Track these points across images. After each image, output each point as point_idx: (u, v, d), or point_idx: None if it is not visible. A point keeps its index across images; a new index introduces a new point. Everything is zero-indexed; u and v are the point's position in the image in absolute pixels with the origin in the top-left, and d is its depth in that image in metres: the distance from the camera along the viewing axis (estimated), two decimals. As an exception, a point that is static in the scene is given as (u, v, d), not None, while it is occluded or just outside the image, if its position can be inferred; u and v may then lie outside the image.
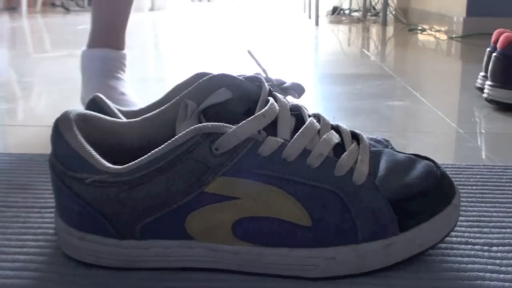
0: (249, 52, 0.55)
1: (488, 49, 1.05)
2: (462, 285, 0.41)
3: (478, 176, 0.64)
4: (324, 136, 0.43)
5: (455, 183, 0.60)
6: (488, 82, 1.01)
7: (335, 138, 0.44)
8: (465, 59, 1.79)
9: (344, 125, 0.48)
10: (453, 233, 0.49)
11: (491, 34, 1.07)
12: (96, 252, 0.43)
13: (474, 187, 0.60)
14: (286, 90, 0.55)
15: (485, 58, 1.06)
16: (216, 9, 4.90)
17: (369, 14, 3.49)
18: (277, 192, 0.41)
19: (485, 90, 1.02)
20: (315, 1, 3.09)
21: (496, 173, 0.65)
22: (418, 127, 0.92)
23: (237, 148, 0.40)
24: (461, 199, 0.57)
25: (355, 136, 0.47)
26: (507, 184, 0.62)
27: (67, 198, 0.43)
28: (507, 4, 2.31)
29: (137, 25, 3.02)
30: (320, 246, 0.41)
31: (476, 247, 0.47)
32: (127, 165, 0.41)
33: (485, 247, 0.47)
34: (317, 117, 0.47)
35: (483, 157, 0.75)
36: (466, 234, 0.49)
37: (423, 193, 0.44)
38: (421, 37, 2.40)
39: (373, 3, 3.50)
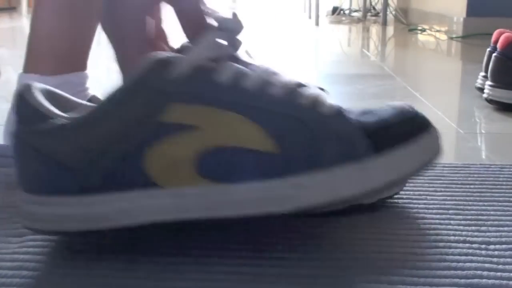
0: (246, 52, 0.55)
1: (488, 49, 1.05)
2: (460, 284, 0.41)
3: (475, 175, 0.64)
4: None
5: (453, 182, 0.61)
6: (488, 82, 1.01)
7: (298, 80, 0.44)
8: (465, 59, 1.79)
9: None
10: (450, 232, 0.49)
11: (491, 34, 1.07)
12: (58, 217, 0.41)
13: (472, 186, 0.61)
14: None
15: (485, 58, 1.06)
16: (216, 9, 4.90)
17: (369, 14, 3.49)
18: (239, 118, 0.39)
19: (485, 90, 1.02)
20: (315, 1, 3.09)
21: (493, 172, 0.65)
22: (418, 127, 0.92)
23: (194, 74, 0.39)
24: (459, 198, 0.57)
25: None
26: (504, 183, 0.62)
27: (29, 160, 0.42)
28: (507, 4, 2.31)
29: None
30: (289, 175, 0.39)
31: (474, 245, 0.47)
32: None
33: (483, 246, 0.47)
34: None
35: (483, 157, 0.75)
36: (464, 233, 0.49)
37: (399, 123, 0.43)
38: (421, 37, 2.40)
39: (373, 3, 3.50)
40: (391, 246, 0.47)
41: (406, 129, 0.43)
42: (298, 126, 0.40)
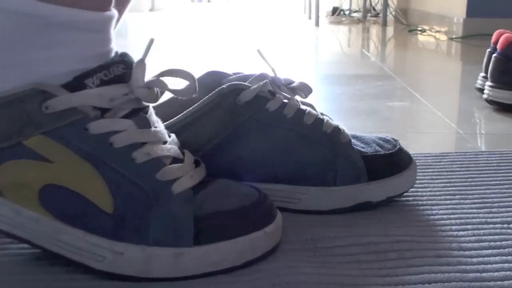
0: (259, 51, 0.56)
1: (488, 49, 1.05)
2: (509, 260, 0.44)
3: (458, 163, 0.68)
4: (166, 145, 0.44)
5: (443, 169, 0.65)
6: (488, 83, 1.01)
7: (173, 150, 0.44)
8: (465, 59, 1.79)
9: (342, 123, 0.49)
10: (470, 215, 0.52)
11: (491, 35, 1.07)
12: None
13: (460, 173, 0.64)
14: (294, 89, 0.56)
15: (485, 59, 1.06)
16: (216, 10, 4.90)
17: (369, 14, 3.49)
18: (91, 170, 0.40)
19: (485, 91, 1.02)
20: (315, 1, 3.09)
21: (469, 158, 0.70)
22: (418, 127, 0.92)
23: (66, 114, 0.40)
24: (457, 184, 0.60)
25: (198, 162, 0.47)
26: (486, 167, 0.66)
27: None
28: (507, 4, 2.31)
29: (137, 26, 3.02)
30: (112, 238, 0.41)
31: (497, 225, 0.50)
32: None
33: (505, 225, 0.50)
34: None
35: (483, 157, 0.75)
36: (481, 215, 0.52)
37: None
38: (421, 37, 2.40)
39: (373, 4, 3.50)
40: (427, 231, 0.49)
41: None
42: (141, 197, 0.41)
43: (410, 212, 0.53)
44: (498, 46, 1.00)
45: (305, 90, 0.57)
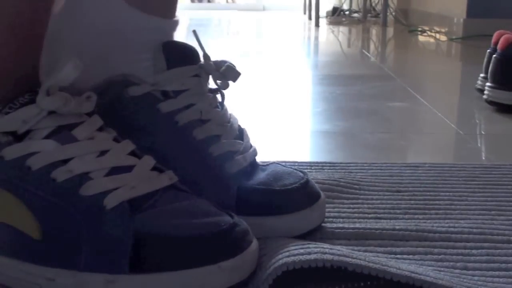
0: (194, 32, 0.53)
1: (488, 50, 1.05)
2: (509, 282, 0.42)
3: (509, 176, 0.65)
4: (103, 156, 0.40)
5: (489, 182, 0.62)
6: (488, 84, 1.01)
7: (115, 158, 0.40)
8: (465, 60, 1.79)
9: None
10: (494, 231, 0.50)
11: (491, 35, 1.07)
12: None
13: (509, 187, 0.61)
14: (224, 74, 0.52)
15: (485, 60, 1.06)
16: (216, 10, 4.90)
17: (369, 15, 3.49)
18: (11, 198, 0.39)
19: (485, 92, 1.02)
20: (315, 2, 3.09)
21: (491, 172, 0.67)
22: (418, 128, 0.92)
23: None
24: (500, 198, 0.58)
25: (159, 169, 0.43)
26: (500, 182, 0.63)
27: None
28: (507, 5, 2.31)
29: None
30: (44, 264, 0.38)
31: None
32: None
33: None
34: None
35: (483, 158, 0.75)
36: (506, 232, 0.50)
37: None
38: (421, 38, 2.40)
39: (373, 4, 3.50)
40: (436, 247, 0.47)
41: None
42: (66, 217, 0.38)
43: (431, 225, 0.52)
44: (498, 47, 1.00)
45: (232, 74, 0.52)
